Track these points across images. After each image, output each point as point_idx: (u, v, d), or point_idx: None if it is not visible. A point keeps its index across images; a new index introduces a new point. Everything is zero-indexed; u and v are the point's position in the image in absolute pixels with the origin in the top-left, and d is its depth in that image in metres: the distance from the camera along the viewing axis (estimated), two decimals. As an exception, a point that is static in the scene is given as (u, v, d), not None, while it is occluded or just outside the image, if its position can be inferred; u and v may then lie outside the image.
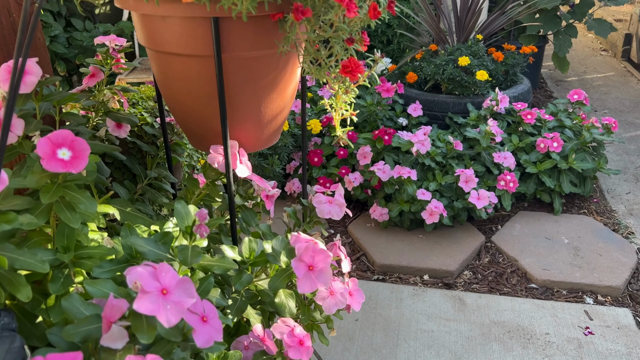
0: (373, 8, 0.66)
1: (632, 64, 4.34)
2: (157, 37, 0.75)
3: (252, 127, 0.83)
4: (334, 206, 0.84)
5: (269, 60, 0.77)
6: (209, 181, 0.81)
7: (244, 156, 0.83)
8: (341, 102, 0.74)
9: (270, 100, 0.81)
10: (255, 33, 0.73)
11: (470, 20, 2.57)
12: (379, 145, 2.18)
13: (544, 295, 1.84)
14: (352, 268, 2.00)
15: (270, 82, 0.79)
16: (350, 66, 0.68)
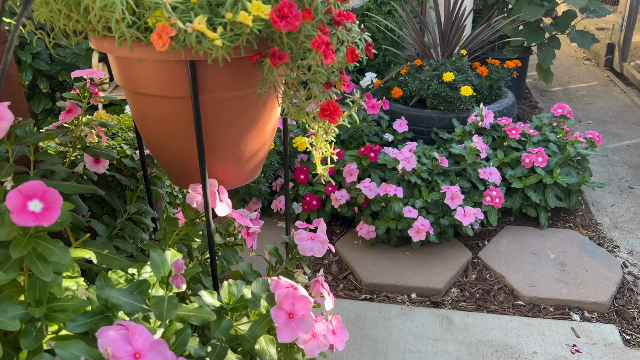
0: (350, 52, 0.66)
1: (614, 73, 4.40)
2: (133, 79, 0.74)
3: (232, 164, 0.82)
4: (316, 243, 0.83)
5: (248, 100, 0.76)
6: (188, 221, 0.80)
7: (224, 194, 0.81)
8: (321, 141, 0.74)
9: (250, 138, 0.80)
10: (233, 74, 0.72)
11: (454, 35, 2.59)
12: (364, 162, 2.18)
13: (531, 313, 1.84)
14: (339, 287, 1.99)
15: (250, 120, 0.78)
16: (328, 109, 0.67)
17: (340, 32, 0.67)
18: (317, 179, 2.28)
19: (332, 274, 2.06)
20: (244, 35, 0.61)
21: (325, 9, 0.64)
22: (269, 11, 0.60)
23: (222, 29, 0.60)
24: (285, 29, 0.60)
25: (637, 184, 2.67)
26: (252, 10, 0.59)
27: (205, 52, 0.64)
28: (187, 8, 0.60)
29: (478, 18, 3.89)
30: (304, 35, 0.64)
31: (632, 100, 3.82)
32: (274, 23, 0.60)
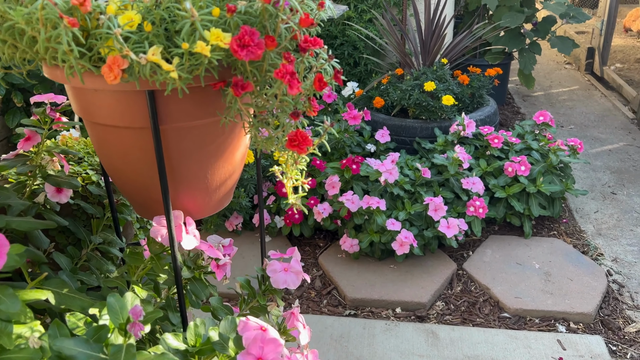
0: (318, 79, 0.62)
1: (595, 77, 4.43)
2: (90, 109, 0.70)
3: (199, 194, 0.78)
4: (290, 275, 0.79)
5: (213, 128, 0.72)
6: (153, 255, 0.76)
7: (191, 225, 0.78)
8: (292, 170, 0.70)
9: (217, 166, 0.76)
10: (197, 103, 0.69)
11: (435, 44, 2.57)
12: (347, 174, 2.15)
13: (517, 325, 1.82)
14: (323, 303, 1.95)
15: (216, 148, 0.75)
16: (297, 139, 0.63)
17: (307, 58, 0.63)
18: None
19: (316, 289, 2.02)
20: (203, 66, 0.58)
21: (291, 36, 0.61)
22: (228, 40, 0.56)
23: (179, 59, 0.56)
24: (247, 59, 0.56)
25: (620, 190, 2.67)
26: (210, 40, 0.56)
27: (163, 83, 0.60)
28: (141, 38, 0.56)
29: (459, 24, 3.90)
30: (268, 63, 0.60)
31: (612, 104, 3.85)
32: (235, 53, 0.56)
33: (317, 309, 1.93)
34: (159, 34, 0.58)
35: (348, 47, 3.13)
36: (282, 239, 2.27)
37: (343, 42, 3.15)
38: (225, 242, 1.00)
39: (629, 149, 3.12)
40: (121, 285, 0.77)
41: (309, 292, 2.01)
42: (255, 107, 0.65)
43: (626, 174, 2.83)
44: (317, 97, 0.66)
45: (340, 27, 3.15)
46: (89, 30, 0.57)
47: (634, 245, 2.23)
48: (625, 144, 3.19)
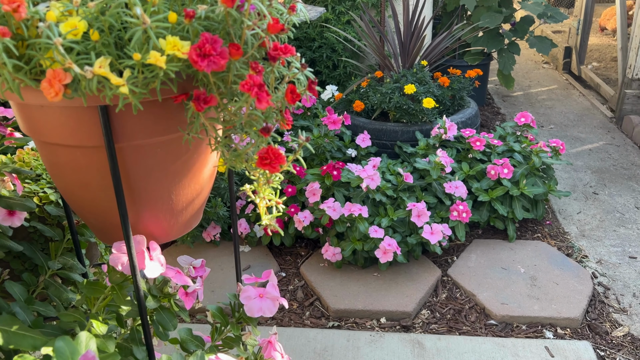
0: (290, 91, 0.56)
1: (573, 76, 4.45)
2: (37, 127, 0.62)
3: (163, 216, 0.71)
4: (266, 301, 0.73)
5: (176, 144, 0.66)
6: (114, 285, 0.69)
7: (156, 250, 0.71)
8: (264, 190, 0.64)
9: (183, 186, 0.70)
10: (157, 118, 0.62)
11: (414, 45, 2.53)
12: (327, 181, 2.09)
13: (504, 332, 1.78)
14: (305, 315, 1.89)
15: (181, 167, 0.68)
16: (268, 157, 0.57)
17: (278, 68, 0.57)
18: (278, 200, 2.18)
19: (298, 300, 1.96)
20: (159, 78, 0.51)
21: (258, 43, 0.55)
22: (187, 49, 0.50)
23: (130, 72, 0.50)
24: (209, 70, 0.50)
25: (601, 189, 2.66)
26: (166, 49, 0.49)
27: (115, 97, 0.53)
28: (87, 48, 0.50)
29: (438, 25, 3.87)
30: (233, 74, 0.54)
31: (591, 103, 3.86)
32: (194, 63, 0.50)
33: (299, 321, 1.86)
34: (109, 43, 0.51)
35: (326, 49, 3.07)
36: (262, 248, 2.20)
37: (321, 44, 3.09)
38: (196, 264, 0.93)
39: (608, 148, 3.12)
40: (79, 320, 0.70)
41: (291, 303, 1.94)
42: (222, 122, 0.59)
43: (607, 173, 2.82)
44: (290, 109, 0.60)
45: (317, 30, 3.10)
46: (26, 39, 0.50)
47: (617, 246, 2.21)
48: (605, 143, 3.19)
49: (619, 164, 2.92)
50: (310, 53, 3.10)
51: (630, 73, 3.28)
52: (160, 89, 0.57)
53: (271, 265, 2.10)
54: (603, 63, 4.66)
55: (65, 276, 0.88)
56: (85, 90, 0.50)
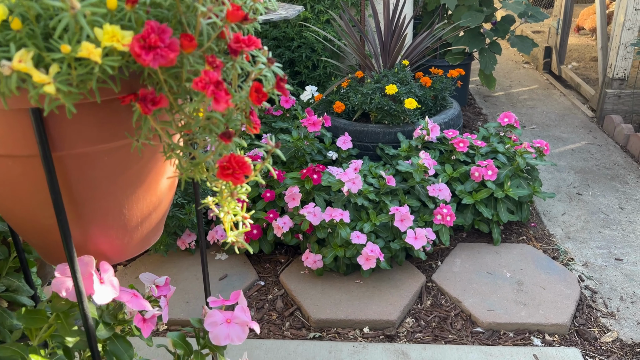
0: (255, 90, 0.49)
1: (553, 76, 4.45)
2: (-40, 133, 0.53)
3: (115, 233, 0.63)
4: (234, 327, 0.65)
5: (127, 153, 0.57)
6: (58, 313, 0.61)
7: (107, 272, 0.62)
8: (228, 204, 0.56)
9: (136, 199, 0.61)
10: (102, 122, 0.53)
11: (395, 45, 2.47)
12: (307, 185, 2.01)
13: (491, 340, 1.72)
14: (285, 326, 1.80)
15: (133, 177, 0.60)
16: (230, 166, 0.49)
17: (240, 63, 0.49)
18: (257, 205, 2.09)
19: (277, 310, 1.87)
20: (95, 75, 0.43)
21: (216, 34, 0.47)
22: (129, 40, 0.42)
23: (59, 67, 0.41)
24: (155, 65, 0.42)
25: (585, 190, 2.63)
26: (103, 40, 0.41)
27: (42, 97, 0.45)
28: (5, 39, 0.41)
29: (419, 25, 3.82)
30: (187, 70, 0.46)
31: (572, 102, 3.85)
32: (137, 57, 0.42)
33: (279, 332, 1.78)
34: (35, 33, 0.43)
35: (306, 49, 3.00)
36: (240, 257, 2.11)
37: (300, 44, 3.01)
38: (160, 282, 0.84)
39: (590, 148, 3.10)
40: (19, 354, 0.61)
41: (270, 314, 1.86)
42: (176, 127, 0.51)
43: (590, 173, 2.80)
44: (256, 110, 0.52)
45: (296, 29, 3.02)
46: None
47: (602, 248, 2.17)
48: (587, 143, 3.17)
49: (602, 164, 2.89)
50: (289, 53, 3.02)
51: (610, 72, 3.27)
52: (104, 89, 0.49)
53: (249, 273, 2.02)
54: (582, 63, 4.67)
55: (11, 299, 0.79)
56: (4, 89, 0.41)
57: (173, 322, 1.81)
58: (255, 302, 1.91)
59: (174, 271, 2.03)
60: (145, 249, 0.70)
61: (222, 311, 0.67)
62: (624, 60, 3.20)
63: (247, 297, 1.93)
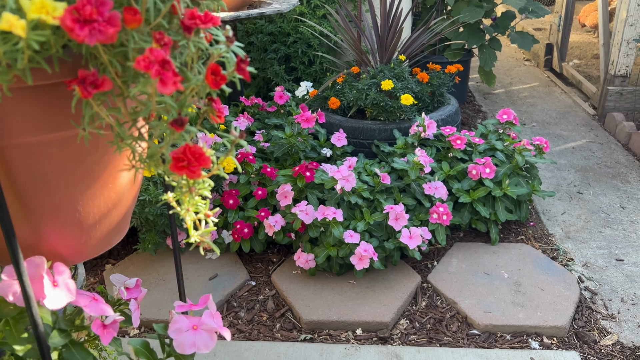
0: (212, 71, 0.43)
1: (554, 74, 4.39)
2: None
3: (70, 232, 0.58)
4: (201, 334, 0.60)
5: (79, 144, 0.52)
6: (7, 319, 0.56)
7: (62, 274, 0.57)
8: (187, 201, 0.51)
9: (92, 195, 0.56)
10: (46, 109, 0.48)
11: (392, 40, 2.41)
12: (300, 183, 1.96)
13: (487, 343, 1.67)
14: (276, 327, 1.75)
15: (87, 171, 0.54)
16: (185, 158, 0.44)
17: (196, 42, 0.44)
18: (248, 203, 2.04)
19: (268, 311, 1.82)
20: (26, 54, 0.38)
21: (167, 8, 0.42)
22: (60, 12, 0.37)
23: (-23, 43, 0.36)
24: (92, 41, 0.37)
25: (586, 189, 2.57)
26: (30, 11, 0.36)
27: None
28: None
29: (418, 21, 3.77)
30: (133, 48, 0.41)
31: (573, 100, 3.79)
32: (71, 32, 0.37)
33: (269, 334, 1.73)
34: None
35: (302, 44, 2.94)
36: (231, 255, 2.06)
37: (296, 39, 2.96)
38: (130, 284, 0.79)
39: (592, 146, 3.04)
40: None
41: (260, 315, 1.81)
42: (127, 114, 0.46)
43: (591, 172, 2.74)
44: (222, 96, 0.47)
45: (292, 24, 2.96)
46: None
47: (603, 248, 2.12)
48: (588, 141, 3.11)
49: (603, 163, 2.84)
50: (284, 48, 2.96)
51: (612, 69, 3.21)
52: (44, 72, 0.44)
53: (240, 273, 1.97)
54: (584, 60, 4.61)
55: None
56: None
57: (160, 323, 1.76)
58: (246, 302, 1.86)
59: (162, 270, 1.98)
60: (107, 248, 0.65)
61: (189, 317, 0.62)
62: (626, 57, 3.14)
63: (237, 298, 1.88)
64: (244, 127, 2.31)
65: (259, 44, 2.98)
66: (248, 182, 2.08)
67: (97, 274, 2.01)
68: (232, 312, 1.81)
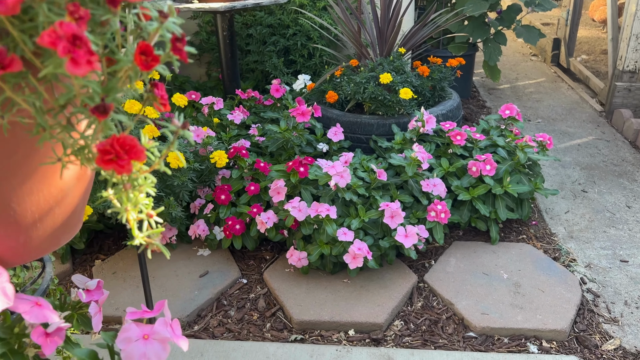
0: (141, 52, 0.38)
1: (561, 69, 4.29)
2: None
3: (5, 232, 0.52)
4: (152, 344, 0.55)
5: (12, 132, 0.47)
6: None
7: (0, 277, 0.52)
8: (125, 200, 0.45)
9: (28, 191, 0.51)
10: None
11: (392, 32, 2.34)
12: (293, 178, 1.90)
13: (484, 346, 1.61)
14: (266, 327, 1.70)
15: (19, 165, 0.49)
16: (113, 151, 0.39)
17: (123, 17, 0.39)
18: (241, 199, 1.99)
19: (259, 310, 1.77)
20: None
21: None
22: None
23: None
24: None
25: (591, 187, 2.50)
26: None
27: None
28: None
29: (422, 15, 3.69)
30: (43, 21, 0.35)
31: (580, 96, 3.71)
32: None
33: (259, 333, 1.68)
34: None
35: (301, 37, 2.88)
36: (223, 252, 2.01)
37: (296, 32, 2.90)
38: (90, 285, 0.74)
39: (598, 143, 2.96)
40: None
41: (250, 314, 1.76)
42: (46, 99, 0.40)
43: (596, 169, 2.67)
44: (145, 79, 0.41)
45: (292, 16, 2.90)
46: None
47: (607, 248, 2.05)
48: (594, 138, 3.03)
49: (609, 160, 2.76)
50: (284, 41, 2.90)
51: (621, 65, 3.13)
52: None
53: (232, 270, 1.92)
54: (592, 56, 4.51)
55: None
56: None
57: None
58: (237, 301, 1.81)
59: (152, 267, 1.93)
60: (55, 248, 0.60)
61: (141, 325, 0.56)
62: (635, 52, 3.05)
63: (228, 296, 1.83)
64: (238, 121, 2.26)
65: (257, 36, 2.92)
66: (241, 177, 2.03)
67: (85, 270, 1.97)
68: (221, 311, 1.76)
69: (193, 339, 1.63)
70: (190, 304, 1.75)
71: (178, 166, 1.79)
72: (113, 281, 1.87)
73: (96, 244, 2.10)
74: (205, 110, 2.30)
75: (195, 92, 2.36)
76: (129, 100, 1.84)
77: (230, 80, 2.55)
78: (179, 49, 0.40)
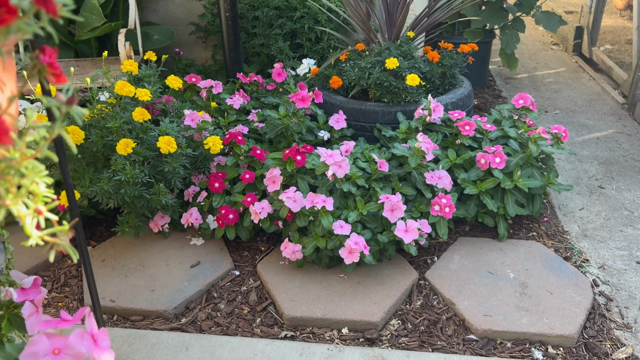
0: None
1: (583, 59, 4.11)
2: None
3: None
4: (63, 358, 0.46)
5: None
6: None
7: None
8: (7, 194, 0.37)
9: None
10: None
11: (400, 13, 2.22)
12: (289, 167, 1.81)
13: (485, 350, 1.51)
14: (256, 323, 1.63)
15: None
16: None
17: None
18: (235, 187, 1.91)
19: (250, 304, 1.69)
20: None
21: None
22: None
23: None
24: None
25: (608, 183, 2.37)
26: None
27: None
28: None
29: None
30: None
31: (601, 87, 3.54)
32: None
33: (248, 329, 1.60)
34: None
35: (309, 20, 2.77)
36: (217, 242, 1.94)
37: (303, 14, 2.79)
38: (26, 283, 0.66)
39: (618, 137, 2.81)
40: None
41: (241, 308, 1.68)
42: None
43: (615, 165, 2.52)
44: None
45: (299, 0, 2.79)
46: None
47: (623, 249, 1.93)
48: (614, 132, 2.88)
49: (630, 155, 2.61)
50: (291, 24, 2.80)
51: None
52: None
53: (224, 261, 1.84)
54: (617, 46, 4.31)
55: None
56: None
57: (134, 313, 1.65)
58: (227, 293, 1.74)
59: (143, 255, 1.87)
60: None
61: (54, 337, 0.48)
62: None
63: (218, 288, 1.75)
64: (238, 106, 2.17)
65: (264, 19, 2.81)
66: (236, 164, 1.94)
67: (75, 257, 1.91)
68: (211, 304, 1.69)
69: (179, 332, 1.56)
70: (178, 295, 1.68)
71: (169, 151, 1.71)
72: (102, 269, 1.81)
73: (88, 229, 2.04)
74: (204, 94, 2.21)
75: (196, 75, 2.28)
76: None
77: (232, 63, 2.46)
78: (43, 0, 0.31)
